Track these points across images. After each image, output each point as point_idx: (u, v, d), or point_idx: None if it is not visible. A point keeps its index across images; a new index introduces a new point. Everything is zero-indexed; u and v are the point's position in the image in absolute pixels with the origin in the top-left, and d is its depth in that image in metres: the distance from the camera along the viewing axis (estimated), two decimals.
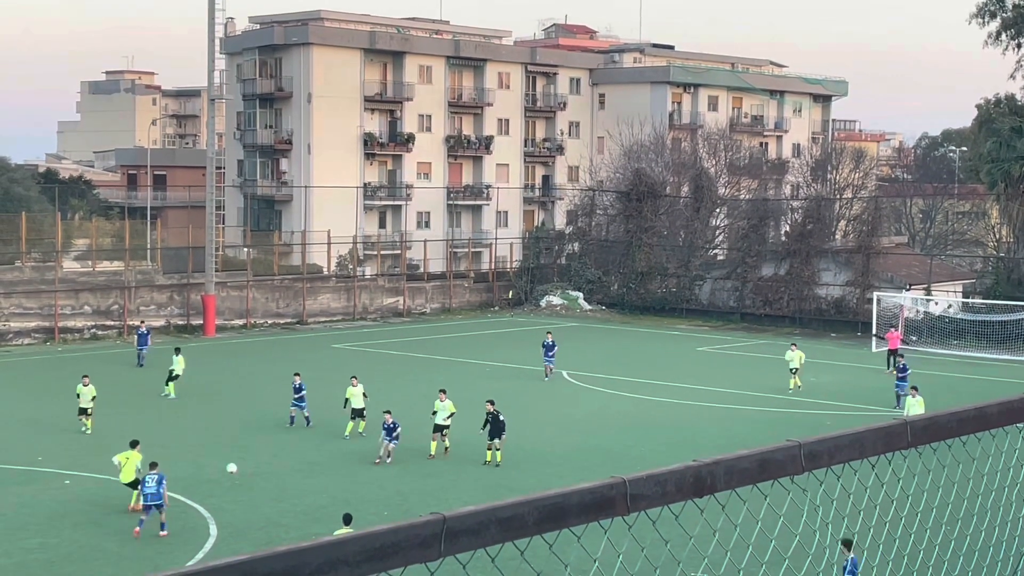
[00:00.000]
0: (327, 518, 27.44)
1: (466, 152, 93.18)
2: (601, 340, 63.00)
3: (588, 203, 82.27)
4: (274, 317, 67.72)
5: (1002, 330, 58.70)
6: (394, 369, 51.52)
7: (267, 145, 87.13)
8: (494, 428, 33.67)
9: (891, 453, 3.95)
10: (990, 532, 6.36)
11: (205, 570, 2.57)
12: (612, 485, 3.24)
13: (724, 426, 39.06)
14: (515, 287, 78.20)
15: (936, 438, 4.08)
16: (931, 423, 4.09)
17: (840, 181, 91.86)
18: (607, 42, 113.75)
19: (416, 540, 2.88)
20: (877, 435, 3.91)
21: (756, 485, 3.55)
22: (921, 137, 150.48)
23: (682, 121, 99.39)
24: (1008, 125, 70.89)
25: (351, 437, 36.73)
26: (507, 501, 3.04)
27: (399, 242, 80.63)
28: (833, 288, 69.99)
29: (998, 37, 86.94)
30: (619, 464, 31.91)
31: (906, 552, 5.62)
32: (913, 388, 36.31)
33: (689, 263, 75.45)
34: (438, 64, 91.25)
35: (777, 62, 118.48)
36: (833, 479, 3.99)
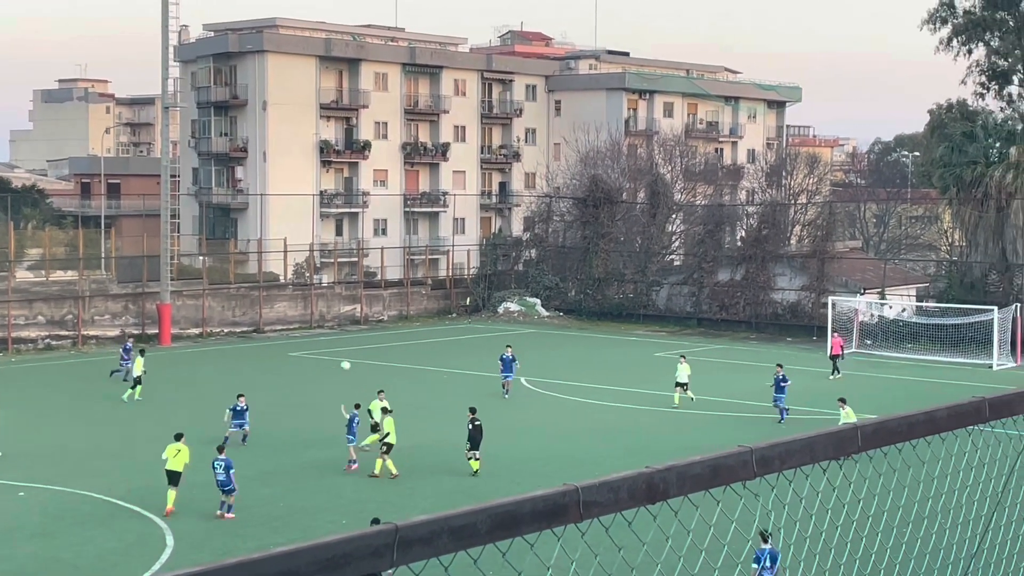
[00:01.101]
0: (285, 528, 27.33)
1: (422, 159, 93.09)
2: (559, 346, 63.07)
3: (545, 209, 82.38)
4: (230, 326, 67.36)
5: (955, 333, 59.25)
6: (351, 377, 51.31)
7: (222, 153, 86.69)
8: (473, 438, 33.38)
9: (842, 457, 3.98)
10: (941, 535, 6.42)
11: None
12: (565, 492, 3.25)
13: (681, 431, 39.20)
14: (473, 294, 78.18)
15: (886, 442, 4.12)
16: (881, 427, 4.13)
17: (795, 186, 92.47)
18: (563, 49, 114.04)
19: (369, 550, 2.87)
20: (828, 439, 3.95)
21: (709, 491, 3.57)
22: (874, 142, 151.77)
23: (638, 127, 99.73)
24: (960, 130, 71.60)
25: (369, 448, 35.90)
26: (459, 510, 3.05)
27: (356, 249, 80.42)
28: (788, 293, 70.42)
29: (949, 43, 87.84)
30: (577, 470, 31.94)
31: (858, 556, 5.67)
32: (841, 400, 35.99)
33: (646, 269, 75.70)
34: (394, 71, 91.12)
35: (731, 68, 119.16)
36: (785, 484, 4.01)
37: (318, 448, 36.41)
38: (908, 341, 60.99)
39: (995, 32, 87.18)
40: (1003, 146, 67.78)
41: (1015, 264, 66.59)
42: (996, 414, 4.57)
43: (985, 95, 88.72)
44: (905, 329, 62.19)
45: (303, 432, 38.83)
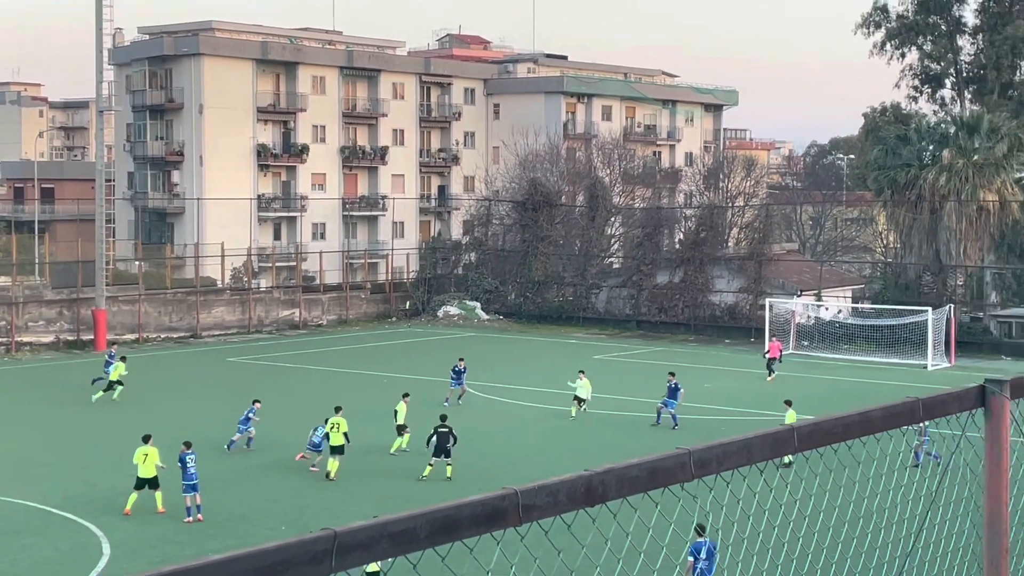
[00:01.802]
0: (223, 534, 27.12)
1: (361, 163, 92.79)
2: (499, 349, 63.09)
3: (484, 213, 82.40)
4: (167, 331, 66.74)
5: (890, 334, 59.91)
6: (290, 382, 51.08)
7: (158, 157, 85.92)
8: (440, 445, 33.11)
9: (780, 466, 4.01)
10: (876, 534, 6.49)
11: None
12: (504, 496, 3.25)
13: (622, 434, 39.32)
14: (412, 298, 78.03)
15: (822, 443, 4.16)
16: (817, 428, 4.17)
17: (732, 189, 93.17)
18: (501, 52, 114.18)
19: (306, 556, 2.86)
20: (765, 441, 3.98)
21: (647, 493, 3.59)
22: (810, 145, 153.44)
23: (576, 131, 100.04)
24: (893, 133, 72.47)
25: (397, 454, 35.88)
26: (398, 515, 3.04)
27: (294, 254, 79.99)
28: (727, 295, 70.91)
29: (883, 47, 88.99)
30: (518, 474, 31.95)
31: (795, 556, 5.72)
32: (787, 402, 36.21)
33: (585, 272, 75.91)
34: (331, 74, 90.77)
35: (669, 72, 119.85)
36: (723, 485, 4.04)
37: (257, 453, 36.16)
38: (844, 342, 61.61)
39: (927, 36, 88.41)
40: (936, 149, 68.69)
41: (948, 265, 67.48)
42: (930, 414, 4.63)
43: (918, 98, 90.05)
44: (841, 330, 62.82)
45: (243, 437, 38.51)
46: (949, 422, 4.83)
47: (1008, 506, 4.93)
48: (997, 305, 71.26)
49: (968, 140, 67.76)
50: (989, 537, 4.94)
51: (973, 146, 67.49)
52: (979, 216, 66.09)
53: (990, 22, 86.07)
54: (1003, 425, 4.88)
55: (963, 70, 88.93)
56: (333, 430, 33.63)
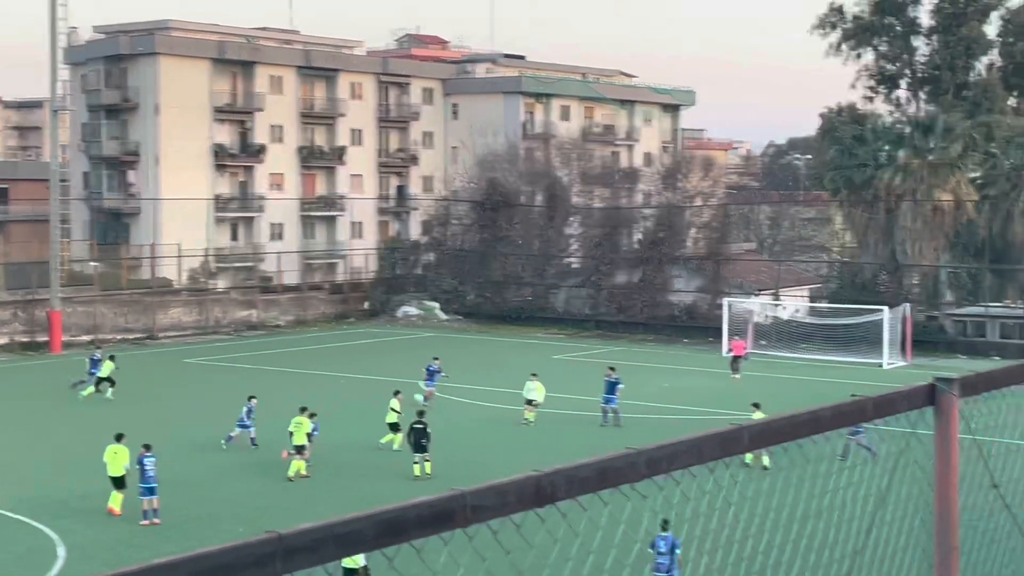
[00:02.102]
0: (180, 537, 26.94)
1: (319, 163, 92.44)
2: (458, 350, 63.02)
3: (443, 213, 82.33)
4: (123, 332, 66.25)
5: (847, 333, 60.30)
6: (248, 383, 50.81)
7: (113, 157, 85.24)
8: (416, 442, 33.37)
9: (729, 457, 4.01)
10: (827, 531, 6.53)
11: None
12: (452, 497, 3.24)
13: (580, 434, 39.37)
14: (371, 298, 77.83)
15: (772, 442, 4.17)
16: (766, 427, 4.17)
17: (690, 189, 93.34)
18: (459, 52, 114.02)
19: (251, 559, 2.84)
20: (715, 440, 3.98)
21: (597, 493, 3.58)
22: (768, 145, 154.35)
23: (535, 131, 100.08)
24: (850, 133, 72.97)
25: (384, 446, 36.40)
26: (344, 517, 3.02)
27: (252, 254, 79.60)
28: (685, 295, 71.19)
29: (839, 48, 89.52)
30: (476, 474, 31.91)
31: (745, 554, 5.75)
32: (755, 404, 36.15)
33: (544, 272, 75.98)
34: (289, 74, 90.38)
35: (627, 72, 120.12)
36: (673, 485, 4.04)
37: (216, 455, 35.96)
38: (801, 341, 61.96)
39: (883, 37, 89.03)
40: (892, 149, 69.24)
41: (904, 265, 68.02)
42: (879, 413, 4.65)
43: (874, 99, 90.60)
44: (799, 329, 63.18)
45: (200, 439, 38.31)
46: (899, 420, 4.85)
47: (958, 504, 4.96)
48: (952, 304, 71.90)
49: (923, 140, 68.35)
50: (939, 535, 4.97)
51: (928, 146, 68.07)
52: (934, 216, 66.67)
53: (944, 23, 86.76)
54: (952, 423, 4.91)
55: (918, 71, 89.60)
56: (296, 430, 33.64)
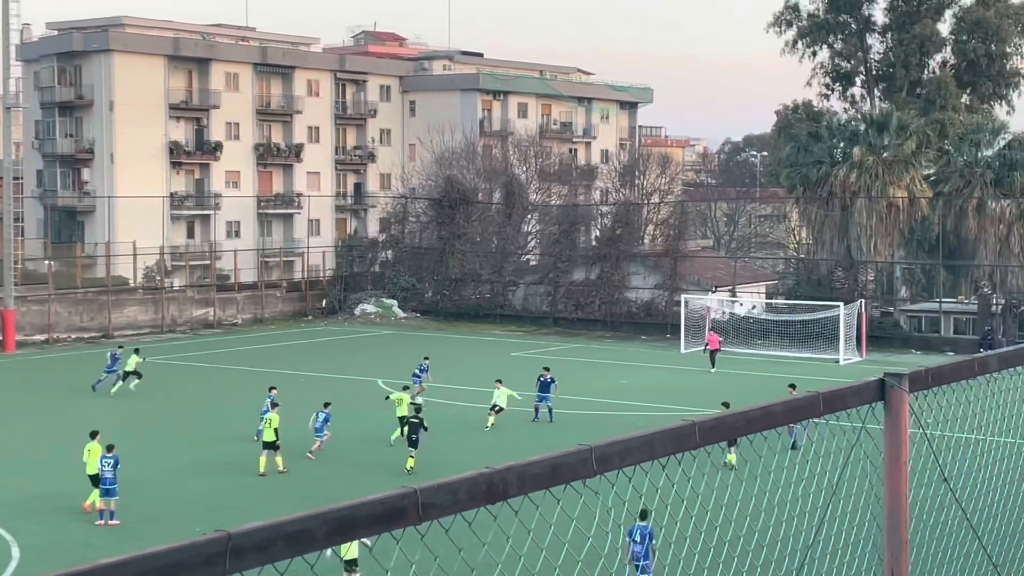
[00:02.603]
0: (136, 538, 26.75)
1: (276, 160, 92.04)
2: (416, 347, 62.86)
3: (401, 210, 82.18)
4: (78, 331, 65.73)
5: (803, 329, 60.69)
6: (204, 381, 50.57)
7: (68, 155, 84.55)
8: (409, 436, 34.04)
9: (681, 453, 4.03)
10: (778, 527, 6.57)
11: None
12: (403, 495, 3.24)
13: (538, 431, 39.41)
14: (329, 296, 77.58)
15: (724, 437, 4.19)
16: (719, 423, 4.20)
17: (647, 186, 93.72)
18: (416, 49, 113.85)
19: (200, 559, 2.83)
20: (667, 436, 4.00)
21: (549, 489, 3.59)
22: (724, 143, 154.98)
23: (492, 128, 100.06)
24: (805, 130, 73.41)
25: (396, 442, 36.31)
26: (294, 515, 3.02)
27: (208, 252, 79.14)
28: (643, 291, 71.39)
29: (794, 45, 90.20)
30: (436, 471, 31.89)
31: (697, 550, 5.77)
32: (724, 404, 36.29)
33: (502, 269, 76.00)
34: (245, 71, 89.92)
35: (584, 70, 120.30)
36: (625, 481, 4.05)
37: (172, 454, 35.74)
38: (758, 338, 62.28)
39: (838, 35, 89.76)
40: (847, 146, 69.69)
41: (859, 261, 68.50)
42: (830, 408, 4.69)
43: (830, 96, 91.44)
44: (755, 326, 63.51)
45: (157, 438, 38.08)
46: (850, 415, 4.89)
47: (908, 498, 5.00)
48: (907, 300, 72.53)
49: (878, 137, 68.83)
50: (889, 529, 5.02)
51: (883, 143, 68.57)
52: (889, 212, 67.18)
53: (899, 21, 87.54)
54: (902, 418, 4.96)
55: (873, 68, 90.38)
56: (266, 426, 33.68)
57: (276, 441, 33.39)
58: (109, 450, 29.33)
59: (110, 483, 28.64)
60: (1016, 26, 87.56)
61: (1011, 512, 9.60)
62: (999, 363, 5.80)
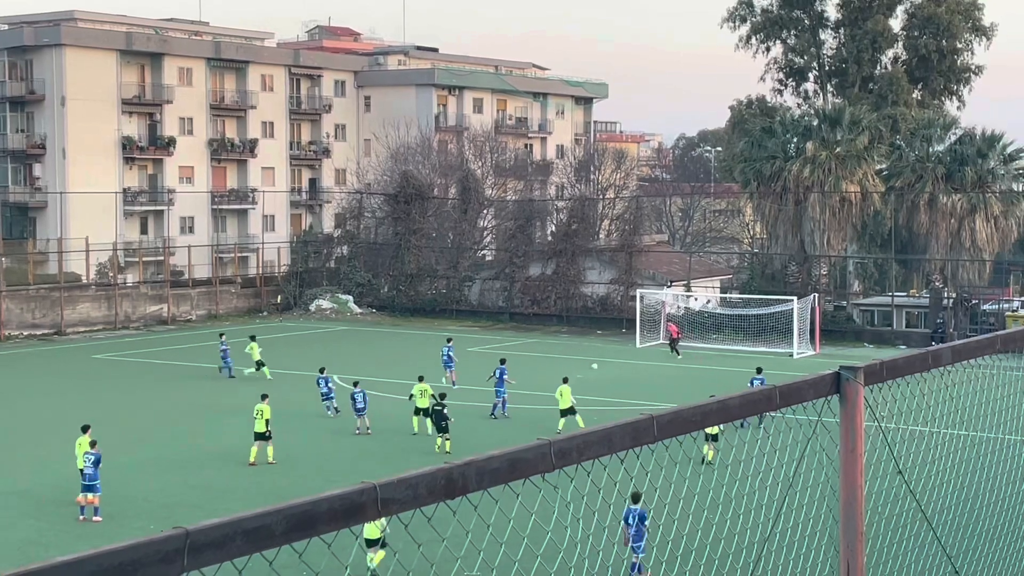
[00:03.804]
0: (91, 535, 26.56)
1: (230, 155, 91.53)
2: (372, 343, 62.80)
3: (356, 206, 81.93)
4: (30, 328, 65.13)
5: (758, 323, 61.04)
6: (159, 378, 50.24)
7: (19, 150, 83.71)
8: (437, 422, 35.31)
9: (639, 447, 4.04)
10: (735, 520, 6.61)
11: None
12: (362, 491, 3.23)
13: (495, 426, 39.42)
14: (284, 292, 77.24)
15: (681, 431, 4.21)
16: (676, 417, 4.22)
17: (603, 181, 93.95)
18: (371, 44, 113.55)
19: (157, 556, 2.81)
20: (625, 430, 4.01)
21: (508, 484, 3.59)
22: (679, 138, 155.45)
23: (448, 123, 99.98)
24: (759, 126, 73.80)
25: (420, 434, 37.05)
26: (253, 511, 3.00)
27: (162, 248, 78.59)
28: (598, 286, 71.53)
29: (748, 41, 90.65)
30: (393, 467, 31.83)
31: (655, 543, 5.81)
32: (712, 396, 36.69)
33: (458, 264, 75.94)
34: (198, 66, 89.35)
35: (539, 65, 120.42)
36: (583, 475, 4.06)
37: (127, 451, 35.48)
38: (713, 332, 62.58)
39: (791, 31, 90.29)
40: (800, 141, 70.09)
41: (813, 255, 68.96)
42: (786, 401, 4.72)
43: (783, 91, 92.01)
44: (710, 320, 63.82)
45: (110, 436, 37.76)
46: (805, 409, 4.92)
47: (863, 490, 5.04)
48: (859, 294, 73.12)
49: (831, 132, 69.29)
50: (845, 521, 5.06)
51: (836, 138, 69.02)
52: (842, 207, 67.66)
53: (851, 17, 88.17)
54: (857, 411, 5.00)
55: (826, 64, 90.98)
56: (257, 417, 33.81)
57: (267, 432, 33.59)
58: (92, 446, 29.24)
59: (91, 479, 28.49)
60: (966, 22, 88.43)
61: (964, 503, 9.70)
62: (952, 356, 5.86)
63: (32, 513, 28.89)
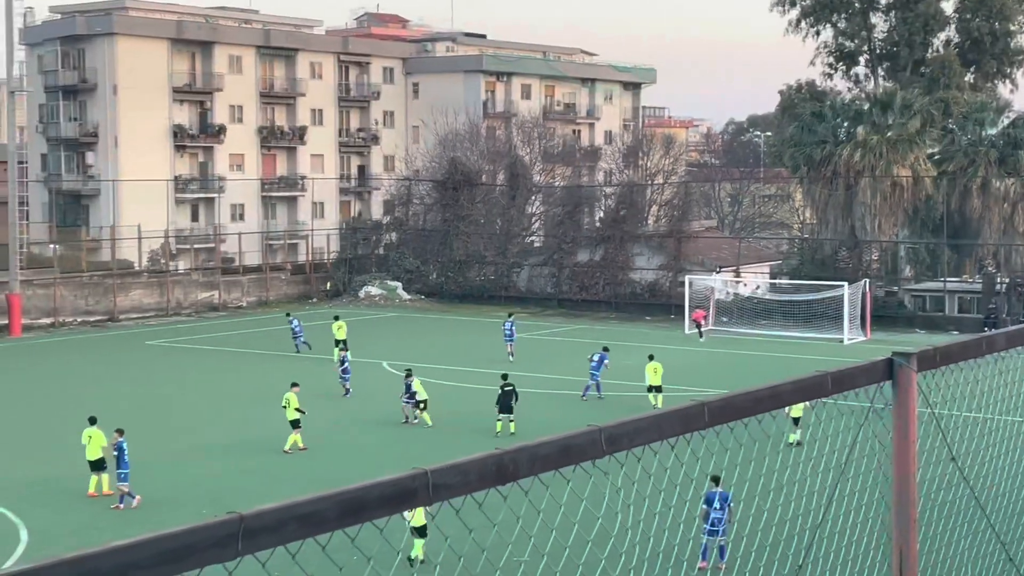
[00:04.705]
0: (143, 520, 26.84)
1: (280, 143, 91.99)
2: (421, 330, 62.97)
3: (404, 193, 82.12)
4: (83, 315, 65.82)
5: (808, 309, 60.65)
6: (210, 364, 50.65)
7: (72, 138, 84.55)
8: (504, 403, 35.44)
9: (690, 434, 4.04)
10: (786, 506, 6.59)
11: None
12: (414, 476, 3.24)
13: (545, 412, 39.43)
14: (333, 278, 77.59)
15: (732, 418, 4.20)
16: (727, 404, 4.20)
17: (651, 167, 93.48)
18: (419, 31, 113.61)
19: (212, 540, 2.84)
20: (675, 417, 4.01)
21: (559, 470, 3.60)
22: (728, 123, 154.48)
23: (496, 110, 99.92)
24: (809, 110, 73.26)
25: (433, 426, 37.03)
26: (306, 497, 3.03)
27: (213, 235, 79.17)
28: (647, 272, 71.34)
29: (798, 25, 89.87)
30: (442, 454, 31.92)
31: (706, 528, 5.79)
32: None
33: (506, 251, 75.96)
34: (248, 54, 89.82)
35: (587, 50, 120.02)
36: (634, 461, 4.06)
37: (178, 437, 35.82)
38: (762, 318, 62.25)
39: (841, 14, 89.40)
40: (851, 125, 69.53)
41: (864, 241, 68.43)
42: (838, 387, 4.69)
43: (833, 75, 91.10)
44: (760, 306, 63.47)
45: (163, 421, 38.17)
46: (858, 395, 4.89)
47: (916, 477, 5.01)
48: (911, 279, 72.48)
49: (882, 116, 68.67)
50: (898, 508, 5.03)
51: (887, 122, 68.41)
52: (893, 191, 67.07)
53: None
54: (910, 397, 4.96)
55: (876, 47, 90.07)
56: (286, 405, 33.96)
57: (297, 420, 33.72)
58: (121, 434, 29.32)
59: (127, 467, 28.67)
60: (1020, 4, 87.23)
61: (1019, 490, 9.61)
62: (1007, 342, 5.80)
63: (85, 497, 29.20)
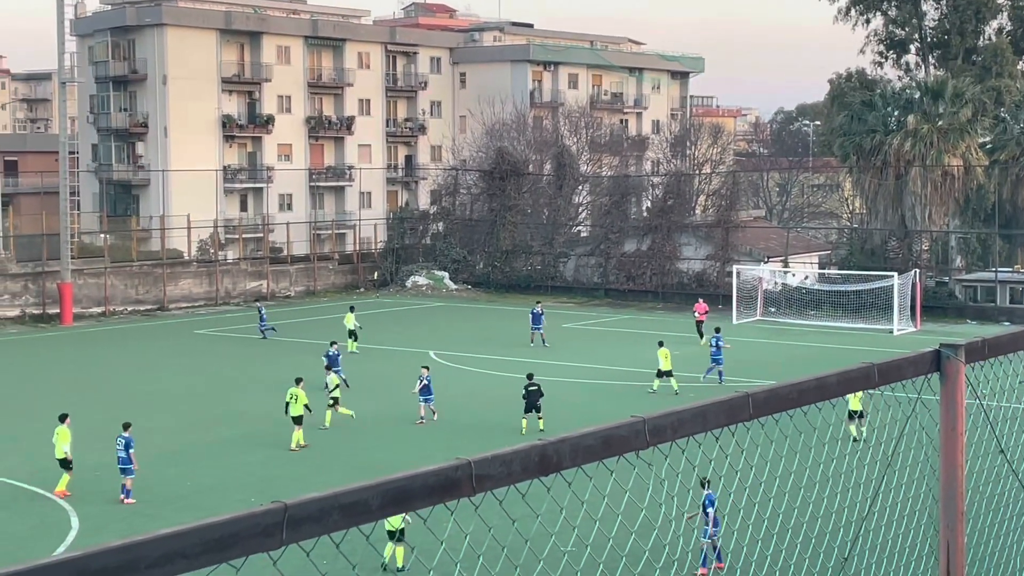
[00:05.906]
0: (191, 507, 27.07)
1: (327, 133, 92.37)
2: (468, 319, 63.08)
3: (451, 182, 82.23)
4: (134, 304, 66.42)
5: (856, 299, 60.22)
6: (259, 353, 50.97)
7: (122, 129, 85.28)
8: (530, 402, 34.94)
9: (734, 425, 4.02)
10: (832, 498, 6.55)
11: (34, 568, 2.51)
12: (457, 467, 3.25)
13: (590, 402, 39.42)
14: (380, 268, 77.84)
15: (777, 409, 4.17)
16: (772, 395, 4.18)
17: (699, 157, 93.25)
18: (466, 21, 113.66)
19: (257, 529, 2.86)
20: (720, 408, 3.99)
21: (602, 461, 3.60)
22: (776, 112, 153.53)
23: (543, 99, 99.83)
24: (859, 99, 72.65)
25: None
26: (350, 486, 3.04)
27: (261, 225, 79.62)
28: (694, 262, 71.06)
29: (848, 13, 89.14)
30: (488, 443, 31.98)
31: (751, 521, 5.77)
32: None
33: (553, 240, 75.91)
34: (296, 44, 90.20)
35: (635, 39, 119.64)
36: (678, 452, 4.05)
37: (226, 426, 36.10)
38: (811, 308, 61.87)
39: (892, 2, 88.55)
40: (901, 114, 68.89)
41: (914, 231, 67.83)
42: (885, 379, 4.65)
43: (883, 64, 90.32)
44: (808, 296, 63.09)
45: (211, 409, 38.47)
46: (905, 386, 4.86)
47: (964, 470, 4.97)
48: (962, 269, 71.76)
49: (933, 105, 68.01)
50: (945, 501, 4.99)
51: (938, 111, 67.74)
52: (944, 181, 66.42)
53: None
54: (958, 389, 4.91)
55: (927, 35, 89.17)
56: (292, 401, 33.67)
57: (301, 416, 33.38)
58: (125, 428, 28.88)
59: (124, 463, 28.33)
60: None
61: None
62: None
63: (136, 484, 29.46)
